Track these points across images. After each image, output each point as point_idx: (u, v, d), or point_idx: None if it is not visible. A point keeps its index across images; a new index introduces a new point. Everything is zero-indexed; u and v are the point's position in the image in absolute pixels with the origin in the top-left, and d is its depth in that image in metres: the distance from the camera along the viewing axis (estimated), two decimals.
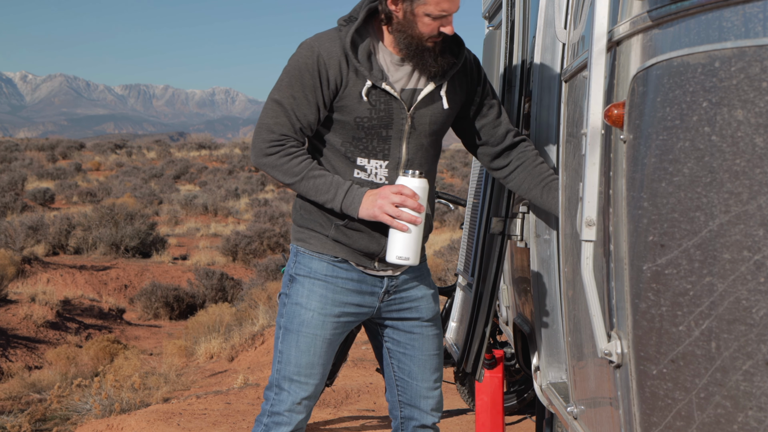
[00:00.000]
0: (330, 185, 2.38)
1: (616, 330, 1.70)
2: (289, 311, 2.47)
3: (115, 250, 17.70)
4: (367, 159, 2.42)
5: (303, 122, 2.38)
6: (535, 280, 2.89)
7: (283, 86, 2.38)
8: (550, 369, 2.88)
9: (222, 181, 32.66)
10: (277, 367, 2.49)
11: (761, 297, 1.32)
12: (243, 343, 8.87)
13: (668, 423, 1.49)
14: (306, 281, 2.46)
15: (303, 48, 2.39)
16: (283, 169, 2.38)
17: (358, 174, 2.42)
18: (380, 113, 2.38)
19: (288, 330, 2.47)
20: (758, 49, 1.32)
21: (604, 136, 1.74)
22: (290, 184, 2.39)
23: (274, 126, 2.37)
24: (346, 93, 2.36)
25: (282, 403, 2.48)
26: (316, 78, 2.34)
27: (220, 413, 5.03)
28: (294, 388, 2.47)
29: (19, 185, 28.13)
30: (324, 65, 2.34)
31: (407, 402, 2.61)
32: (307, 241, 2.48)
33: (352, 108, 2.36)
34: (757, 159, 1.32)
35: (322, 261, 2.46)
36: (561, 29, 2.44)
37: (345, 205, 2.37)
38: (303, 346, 2.46)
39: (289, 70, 2.38)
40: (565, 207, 2.27)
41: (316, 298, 2.45)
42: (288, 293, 2.49)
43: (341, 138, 2.41)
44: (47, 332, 11.64)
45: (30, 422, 6.84)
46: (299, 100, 2.36)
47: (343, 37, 2.36)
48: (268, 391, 2.52)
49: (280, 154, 2.38)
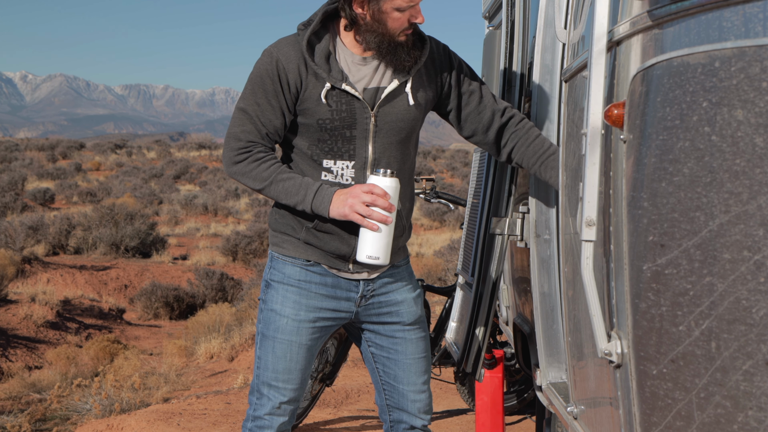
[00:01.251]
0: (299, 187, 2.37)
1: (616, 330, 1.70)
2: (266, 317, 2.48)
3: (115, 250, 17.70)
4: (333, 160, 2.41)
5: (269, 128, 2.38)
6: (535, 280, 2.89)
7: (247, 94, 2.39)
8: (550, 369, 2.88)
9: (222, 181, 32.65)
10: (256, 372, 2.50)
11: (761, 297, 1.32)
12: (243, 343, 8.87)
13: (668, 423, 1.49)
14: (280, 287, 2.46)
15: (264, 55, 2.40)
16: (252, 176, 2.39)
17: (326, 176, 2.42)
18: (342, 114, 2.37)
19: (264, 336, 2.48)
20: (758, 49, 1.32)
21: (604, 136, 1.74)
22: (261, 189, 2.39)
23: (241, 134, 2.38)
24: (306, 96, 2.36)
25: (263, 407, 2.49)
26: (277, 83, 2.35)
27: (220, 413, 5.03)
28: (273, 393, 2.48)
29: (19, 185, 28.13)
30: (283, 70, 2.35)
31: (395, 405, 2.60)
32: (280, 245, 2.48)
33: (313, 110, 2.36)
34: (757, 159, 1.32)
35: (295, 266, 2.46)
36: (561, 29, 2.44)
37: (315, 205, 2.36)
38: (279, 352, 2.46)
39: (252, 77, 2.40)
40: (565, 207, 2.27)
41: (290, 305, 2.45)
42: (264, 299, 2.50)
43: (307, 141, 2.41)
44: (47, 332, 11.64)
45: (30, 422, 6.84)
46: (263, 106, 2.37)
47: (301, 40, 2.37)
48: (251, 396, 2.53)
49: (248, 161, 2.39)
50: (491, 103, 2.57)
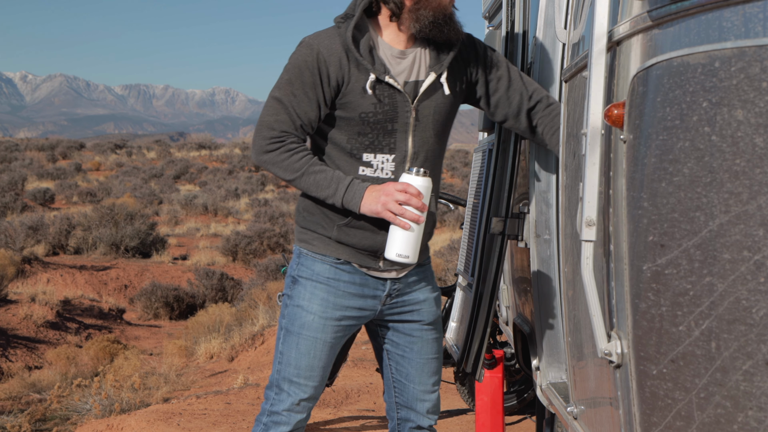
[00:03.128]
0: (331, 180, 2.37)
1: (616, 330, 1.70)
2: (291, 313, 2.46)
3: (115, 250, 17.70)
4: (373, 154, 2.41)
5: (303, 119, 2.37)
6: (535, 280, 2.89)
7: (283, 84, 2.37)
8: (550, 369, 2.88)
9: (222, 181, 32.66)
10: (277, 368, 2.49)
11: (761, 297, 1.32)
12: (243, 343, 8.87)
13: (668, 423, 1.49)
14: (308, 284, 2.45)
15: (302, 46, 2.38)
16: (283, 166, 2.37)
17: (363, 171, 2.41)
18: (385, 107, 2.37)
19: (289, 332, 2.46)
20: (758, 49, 1.32)
21: (604, 136, 1.74)
22: (291, 180, 2.38)
23: (275, 123, 2.37)
24: (349, 89, 2.35)
25: (281, 403, 2.48)
26: (316, 75, 2.34)
27: (220, 413, 5.03)
28: (293, 390, 2.47)
29: (19, 185, 28.13)
30: (324, 62, 2.34)
31: (403, 404, 2.61)
32: (309, 242, 2.47)
33: (357, 103, 2.36)
34: (757, 159, 1.32)
35: (324, 263, 2.45)
36: (561, 29, 2.44)
37: (346, 200, 2.36)
38: (303, 349, 2.45)
39: (289, 68, 2.38)
40: (565, 207, 2.27)
41: (318, 302, 2.44)
42: (290, 294, 2.48)
43: (346, 135, 2.40)
44: (47, 332, 11.64)
45: (30, 422, 6.84)
46: (299, 97, 2.35)
47: (343, 33, 2.36)
48: (268, 391, 2.52)
49: (280, 151, 2.37)
50: (519, 86, 2.57)
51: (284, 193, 29.98)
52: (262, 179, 33.04)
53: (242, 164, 37.88)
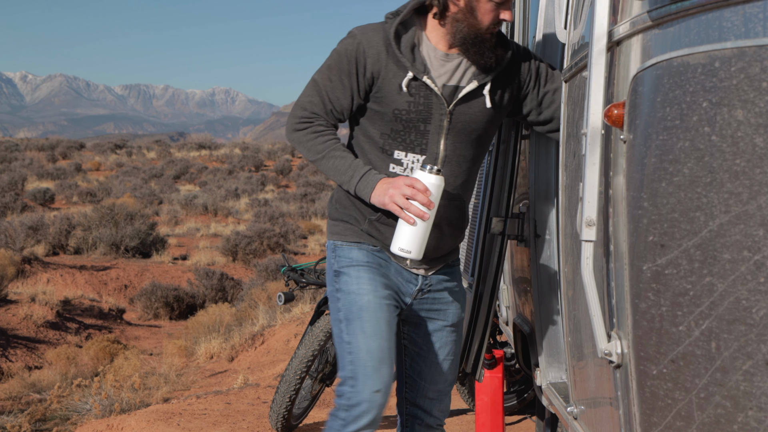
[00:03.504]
0: (348, 167, 2.40)
1: (616, 330, 1.70)
2: (346, 302, 2.42)
3: (115, 250, 17.71)
4: (404, 152, 2.42)
5: (335, 105, 2.41)
6: (535, 280, 2.89)
7: (324, 68, 2.43)
8: (550, 369, 2.88)
9: (222, 181, 32.66)
10: (348, 359, 2.39)
11: (761, 297, 1.32)
12: (243, 343, 8.87)
13: (668, 423, 1.49)
14: (351, 270, 2.45)
15: (348, 35, 2.43)
16: (307, 146, 2.43)
17: (394, 168, 2.43)
18: (419, 107, 2.38)
19: (350, 320, 2.41)
20: (758, 49, 1.32)
21: (604, 136, 1.74)
22: (313, 161, 2.44)
23: (307, 104, 2.43)
24: (385, 84, 2.37)
25: (360, 393, 2.37)
26: (353, 65, 2.38)
27: (220, 413, 5.03)
28: (370, 376, 2.36)
29: (19, 185, 28.14)
30: (363, 53, 2.37)
31: (413, 400, 2.61)
32: (342, 234, 2.49)
33: (391, 99, 2.38)
34: (757, 159, 1.32)
35: (361, 249, 2.46)
36: (561, 29, 2.44)
37: (359, 188, 2.39)
38: (369, 331, 2.38)
39: (333, 54, 2.43)
40: (565, 207, 2.27)
41: (366, 283, 2.43)
42: (338, 287, 2.46)
43: (379, 130, 2.42)
44: (47, 332, 11.64)
45: (30, 422, 6.84)
46: (335, 83, 2.40)
47: (388, 28, 2.38)
48: (341, 387, 2.41)
49: (307, 131, 2.43)
50: None
51: (284, 193, 29.98)
52: (262, 179, 33.05)
53: (242, 164, 37.88)
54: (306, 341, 4.22)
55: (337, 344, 2.45)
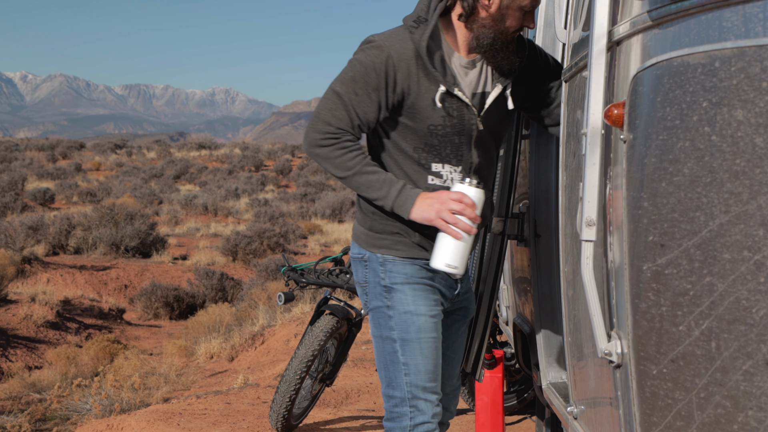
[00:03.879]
0: (383, 182, 2.32)
1: (616, 330, 1.70)
2: (401, 321, 2.40)
3: (115, 250, 17.70)
4: (441, 164, 2.38)
5: (362, 119, 2.31)
6: (535, 280, 2.89)
7: (347, 80, 2.30)
8: (550, 369, 2.88)
9: (222, 181, 32.66)
10: (405, 380, 2.41)
11: (761, 297, 1.32)
12: (243, 343, 8.87)
13: (668, 423, 1.49)
14: (407, 288, 2.41)
15: (372, 46, 2.31)
16: (335, 163, 2.32)
17: (433, 181, 2.38)
18: (453, 120, 2.33)
19: (407, 340, 2.40)
20: (758, 49, 1.32)
21: (604, 136, 1.74)
22: (342, 177, 2.33)
23: (332, 119, 2.31)
24: (418, 99, 2.30)
25: (423, 412, 2.41)
26: (383, 78, 2.27)
27: (220, 413, 5.03)
28: (430, 395, 2.42)
29: (19, 185, 28.14)
30: (393, 67, 2.27)
31: None
32: (392, 247, 2.41)
33: (426, 115, 2.31)
34: (757, 159, 1.32)
35: (414, 265, 2.41)
36: (561, 29, 2.44)
37: (397, 204, 2.32)
38: (427, 352, 2.40)
39: (355, 65, 2.31)
40: (565, 207, 2.27)
41: (422, 302, 2.41)
42: (391, 304, 2.41)
43: (412, 144, 2.36)
44: (47, 332, 11.64)
45: (30, 422, 6.84)
46: (361, 97, 2.29)
47: (417, 39, 2.29)
48: (399, 408, 2.44)
49: (334, 147, 2.31)
50: None
51: (284, 193, 29.99)
52: (262, 179, 33.06)
53: (242, 164, 37.89)
54: (306, 341, 4.22)
55: (388, 362, 2.43)
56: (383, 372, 2.45)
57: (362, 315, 4.46)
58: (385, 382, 2.46)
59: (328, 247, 19.77)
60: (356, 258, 2.49)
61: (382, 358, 2.45)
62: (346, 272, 4.36)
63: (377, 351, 2.47)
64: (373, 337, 2.48)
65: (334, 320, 4.26)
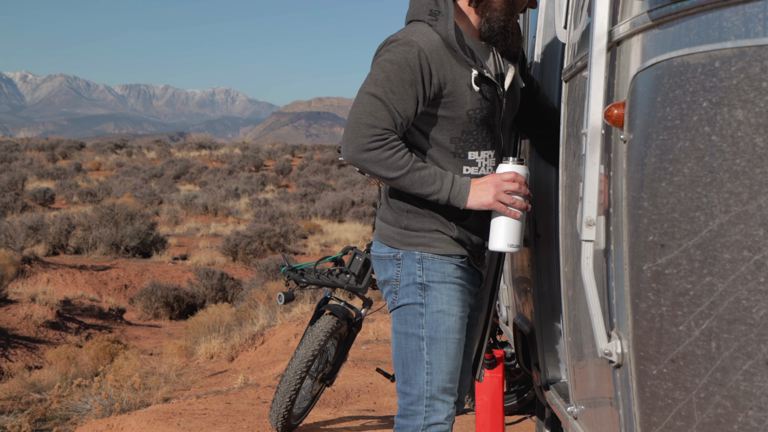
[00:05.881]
0: (435, 176, 2.31)
1: (616, 330, 1.70)
2: (431, 320, 2.40)
3: (115, 250, 17.70)
4: (477, 152, 2.39)
5: (403, 116, 2.29)
6: (535, 280, 2.89)
7: (381, 81, 2.28)
8: (550, 369, 2.88)
9: (222, 181, 32.66)
10: (427, 379, 2.41)
11: (761, 297, 1.32)
12: (243, 343, 8.87)
13: (668, 423, 1.49)
14: (443, 287, 2.40)
15: (399, 44, 2.30)
16: (386, 164, 2.28)
17: (468, 170, 2.39)
18: (488, 103, 2.36)
19: (434, 339, 2.40)
20: (758, 49, 1.32)
21: (604, 136, 1.74)
22: (393, 178, 2.30)
23: (375, 120, 2.28)
24: (455, 87, 2.31)
25: (439, 413, 2.43)
26: (418, 72, 2.27)
27: (220, 413, 5.03)
28: (447, 396, 2.44)
29: (19, 185, 28.14)
30: (426, 59, 2.27)
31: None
32: (430, 245, 2.40)
33: (464, 101, 2.32)
34: (757, 159, 1.32)
35: (451, 263, 2.41)
36: (561, 29, 2.44)
37: (452, 195, 2.32)
38: (452, 353, 2.42)
39: (385, 65, 2.29)
40: (565, 207, 2.27)
41: (455, 303, 2.42)
42: (424, 302, 2.40)
43: (449, 135, 2.36)
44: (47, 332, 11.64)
45: (30, 422, 6.84)
46: (399, 94, 2.27)
47: (442, 29, 2.30)
48: (414, 406, 2.43)
49: (383, 149, 2.28)
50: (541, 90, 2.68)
51: (284, 193, 29.98)
52: (262, 179, 33.05)
53: (242, 164, 37.89)
54: (306, 341, 4.22)
55: (409, 359, 2.43)
56: (401, 368, 2.45)
57: (362, 315, 4.46)
58: (401, 378, 2.45)
59: (328, 247, 19.77)
60: (385, 257, 2.46)
61: (402, 354, 2.44)
62: (346, 272, 4.36)
63: (397, 347, 2.45)
64: (395, 332, 2.47)
65: (334, 320, 4.26)
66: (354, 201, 25.39)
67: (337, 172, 35.11)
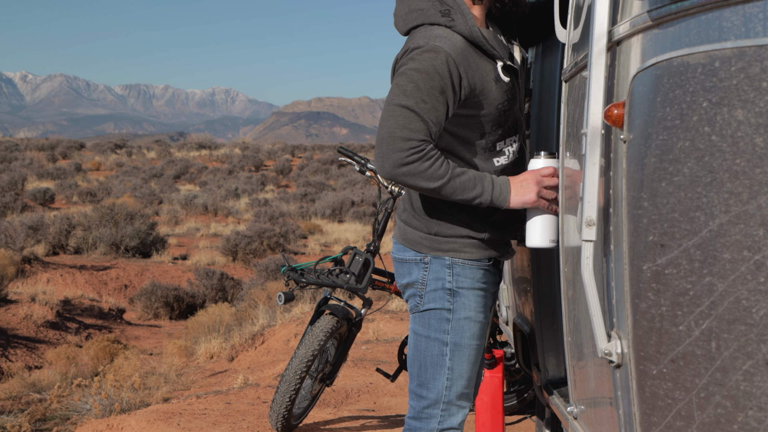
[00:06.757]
0: (475, 180, 2.28)
1: (616, 330, 1.70)
2: (458, 326, 2.39)
3: (115, 250, 17.70)
4: (503, 141, 2.40)
5: (437, 126, 2.25)
6: (535, 280, 2.89)
7: (410, 91, 2.22)
8: (550, 369, 2.88)
9: (222, 181, 32.66)
10: (446, 385, 2.41)
11: (761, 297, 1.32)
12: (243, 343, 8.87)
13: (668, 423, 1.49)
14: (471, 294, 2.40)
15: (423, 51, 2.24)
16: (426, 175, 2.24)
17: (499, 162, 2.40)
18: (513, 91, 2.37)
19: (459, 345, 2.39)
20: (758, 49, 1.32)
21: (604, 136, 1.74)
22: (436, 187, 2.25)
23: (410, 133, 2.22)
24: (485, 84, 2.30)
25: (454, 417, 2.43)
26: (447, 79, 2.23)
27: (220, 413, 5.03)
28: (464, 402, 2.44)
29: (19, 185, 28.14)
30: (454, 64, 2.24)
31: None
32: (461, 250, 2.38)
33: (495, 96, 2.31)
34: (757, 159, 1.32)
35: (480, 269, 2.41)
36: (561, 29, 2.44)
37: (495, 197, 2.29)
38: (473, 359, 2.42)
39: (413, 75, 2.23)
40: (565, 207, 2.27)
41: (482, 309, 2.42)
42: (453, 308, 2.39)
43: (479, 131, 2.35)
44: (47, 332, 11.64)
45: (30, 422, 6.84)
46: (430, 103, 2.22)
47: (464, 28, 2.28)
48: (430, 410, 2.43)
49: (422, 160, 2.23)
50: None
51: (284, 193, 29.99)
52: (262, 179, 33.06)
53: (242, 164, 37.89)
54: (306, 341, 4.22)
55: (428, 363, 2.42)
56: (417, 370, 2.43)
57: (362, 315, 4.46)
58: (416, 380, 2.44)
59: (328, 247, 19.77)
60: (411, 260, 2.43)
61: (421, 357, 2.42)
62: (346, 272, 4.36)
63: (416, 350, 2.43)
64: (415, 335, 2.44)
65: (334, 320, 4.26)
66: (354, 201, 25.39)
67: (337, 172, 35.12)
